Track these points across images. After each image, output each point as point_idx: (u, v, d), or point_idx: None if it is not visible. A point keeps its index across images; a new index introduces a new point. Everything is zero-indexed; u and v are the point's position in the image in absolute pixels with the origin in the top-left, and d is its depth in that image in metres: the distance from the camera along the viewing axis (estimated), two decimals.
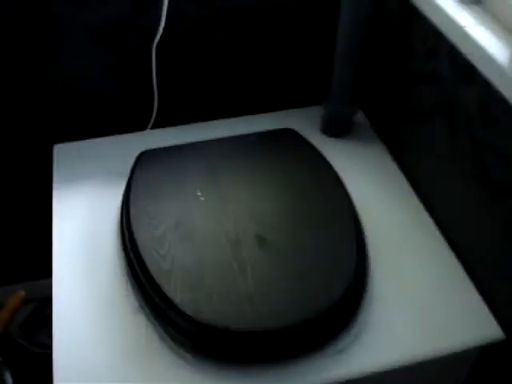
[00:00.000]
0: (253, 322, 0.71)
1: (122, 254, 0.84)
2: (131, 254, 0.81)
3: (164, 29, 0.94)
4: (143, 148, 0.96)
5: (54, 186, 0.97)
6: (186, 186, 0.89)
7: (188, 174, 0.90)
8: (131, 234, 0.82)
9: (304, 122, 1.09)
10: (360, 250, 0.81)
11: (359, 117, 1.10)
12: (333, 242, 0.81)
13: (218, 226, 0.82)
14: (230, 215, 0.83)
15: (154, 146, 0.97)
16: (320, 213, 0.85)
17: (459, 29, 0.72)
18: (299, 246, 0.80)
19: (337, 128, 1.05)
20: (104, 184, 0.96)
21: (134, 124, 1.10)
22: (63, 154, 1.03)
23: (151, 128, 1.09)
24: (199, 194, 0.86)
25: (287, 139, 0.99)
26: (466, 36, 0.71)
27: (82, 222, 0.90)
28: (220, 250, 0.79)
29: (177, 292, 0.74)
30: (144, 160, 0.93)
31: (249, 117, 1.11)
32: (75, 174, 0.99)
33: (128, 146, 1.02)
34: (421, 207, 0.93)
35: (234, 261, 0.77)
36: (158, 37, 0.95)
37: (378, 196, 0.95)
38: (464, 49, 0.73)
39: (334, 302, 0.74)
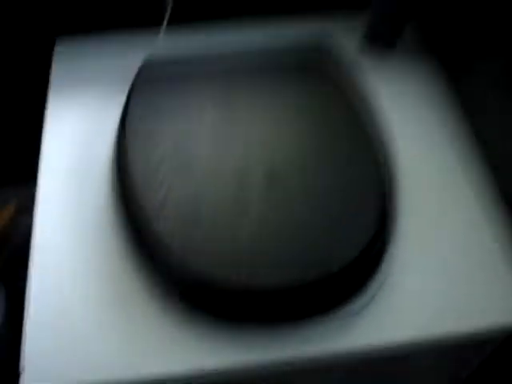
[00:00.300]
0: (250, 278, 0.60)
1: (114, 183, 0.74)
2: (123, 179, 0.70)
3: None
4: (153, 51, 0.82)
5: (50, 93, 0.86)
6: (191, 104, 0.76)
7: (196, 92, 0.76)
8: (125, 154, 0.71)
9: (344, 31, 0.92)
10: (387, 196, 0.68)
11: (410, 29, 0.91)
12: (355, 185, 0.68)
13: (224, 155, 0.70)
14: (238, 144, 0.70)
15: (164, 50, 0.82)
16: (343, 150, 0.71)
17: None
18: (314, 189, 0.67)
19: (382, 39, 0.88)
20: (104, 93, 0.84)
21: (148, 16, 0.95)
22: (64, 52, 0.90)
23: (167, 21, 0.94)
24: (207, 115, 0.73)
25: (320, 58, 0.82)
26: None
27: (74, 141, 0.79)
28: (222, 184, 0.67)
29: (166, 230, 0.63)
30: (146, 72, 0.79)
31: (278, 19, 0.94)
32: (75, 79, 0.86)
33: (137, 47, 0.88)
34: (471, 150, 0.78)
35: (237, 200, 0.66)
36: None
37: (420, 132, 0.80)
38: None
39: (352, 258, 0.62)
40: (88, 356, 0.61)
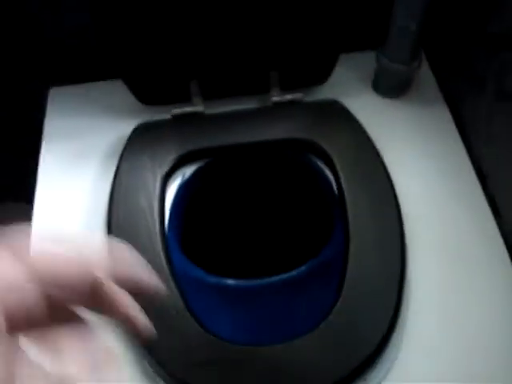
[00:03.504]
0: None
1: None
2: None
3: None
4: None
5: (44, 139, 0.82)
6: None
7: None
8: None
9: (352, 74, 0.87)
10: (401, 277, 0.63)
11: (423, 71, 0.85)
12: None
13: None
14: None
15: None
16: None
17: None
18: None
19: (392, 88, 0.82)
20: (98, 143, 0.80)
21: None
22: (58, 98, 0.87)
23: None
24: None
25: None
26: None
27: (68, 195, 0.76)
28: None
29: None
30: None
31: None
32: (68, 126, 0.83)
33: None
34: (487, 210, 0.72)
35: None
36: None
37: (428, 188, 0.74)
38: None
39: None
40: None
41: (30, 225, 0.73)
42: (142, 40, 0.74)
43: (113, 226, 0.67)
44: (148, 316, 0.59)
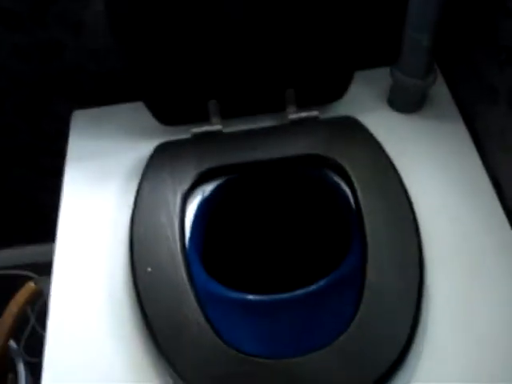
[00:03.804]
0: None
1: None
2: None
3: None
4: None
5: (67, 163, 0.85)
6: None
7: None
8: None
9: (367, 90, 0.88)
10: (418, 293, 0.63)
11: (438, 85, 0.86)
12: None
13: None
14: None
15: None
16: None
17: None
18: None
19: (407, 103, 0.84)
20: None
21: None
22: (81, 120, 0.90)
23: None
24: None
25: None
26: None
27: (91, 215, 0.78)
28: None
29: None
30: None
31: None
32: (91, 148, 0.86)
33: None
34: (504, 222, 0.72)
35: None
36: None
37: (446, 203, 0.75)
38: None
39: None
40: None
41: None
42: (161, 62, 0.76)
43: (135, 243, 0.69)
44: (169, 329, 0.61)
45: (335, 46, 0.77)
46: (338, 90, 0.81)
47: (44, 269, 1.26)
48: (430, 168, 0.78)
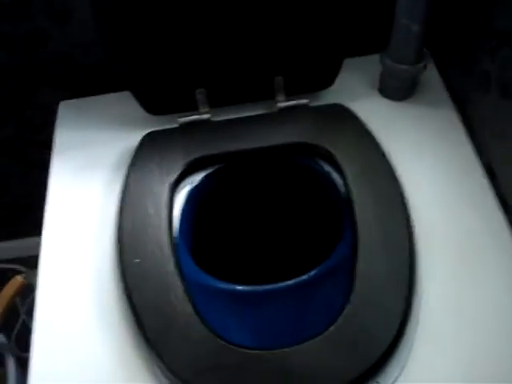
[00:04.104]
0: None
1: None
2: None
3: None
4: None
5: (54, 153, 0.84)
6: None
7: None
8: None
9: (357, 78, 0.87)
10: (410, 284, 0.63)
11: (429, 72, 0.85)
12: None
13: None
14: None
15: None
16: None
17: None
18: None
19: (398, 90, 0.82)
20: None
21: None
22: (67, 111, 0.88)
23: None
24: None
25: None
26: None
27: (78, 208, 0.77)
28: None
29: None
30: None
31: None
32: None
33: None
34: (497, 210, 0.71)
35: None
36: None
37: (438, 191, 0.74)
38: None
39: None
40: None
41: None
42: (147, 51, 0.75)
43: (122, 234, 0.68)
44: (158, 320, 0.60)
45: (324, 32, 0.76)
46: (328, 78, 0.80)
47: (33, 262, 1.26)
48: (422, 156, 0.77)
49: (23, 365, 1.01)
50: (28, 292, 0.94)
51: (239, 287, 0.67)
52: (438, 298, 0.65)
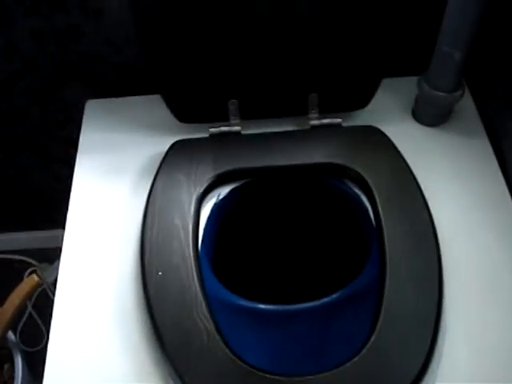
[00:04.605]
0: None
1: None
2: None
3: None
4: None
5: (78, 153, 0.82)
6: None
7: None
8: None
9: (392, 99, 0.85)
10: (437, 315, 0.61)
11: (464, 100, 0.83)
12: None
13: None
14: None
15: None
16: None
17: None
18: None
19: (432, 116, 0.81)
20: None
21: None
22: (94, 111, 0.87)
23: None
24: None
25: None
26: None
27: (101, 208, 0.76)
28: None
29: None
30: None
31: None
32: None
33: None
34: None
35: None
36: None
37: (468, 224, 0.72)
38: None
39: None
40: None
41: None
42: (182, 57, 0.74)
43: (146, 244, 0.67)
44: (178, 336, 0.59)
45: (364, 51, 0.75)
46: (364, 98, 0.79)
47: (42, 255, 1.25)
48: (452, 183, 0.76)
49: (28, 359, 1.00)
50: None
51: (261, 306, 0.66)
52: (464, 333, 0.64)
